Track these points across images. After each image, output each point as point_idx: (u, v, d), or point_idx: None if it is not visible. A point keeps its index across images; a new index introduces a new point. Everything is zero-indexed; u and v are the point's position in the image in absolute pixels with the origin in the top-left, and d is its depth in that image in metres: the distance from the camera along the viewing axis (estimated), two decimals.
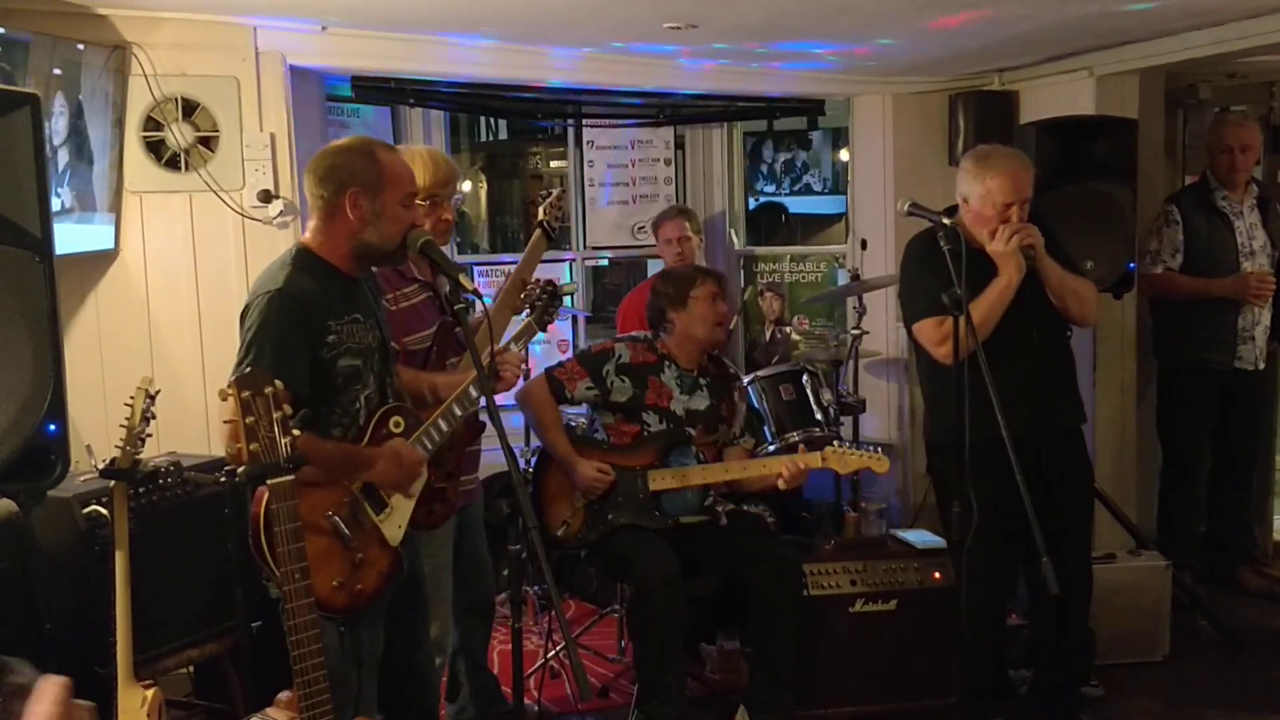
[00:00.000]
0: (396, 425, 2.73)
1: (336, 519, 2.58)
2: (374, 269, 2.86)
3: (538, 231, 3.63)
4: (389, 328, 2.87)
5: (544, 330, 3.33)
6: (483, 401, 2.79)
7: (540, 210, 3.66)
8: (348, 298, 2.68)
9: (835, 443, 3.85)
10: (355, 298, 2.71)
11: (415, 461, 2.72)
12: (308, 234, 2.72)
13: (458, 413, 2.85)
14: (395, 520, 2.71)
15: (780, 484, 3.77)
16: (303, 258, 2.66)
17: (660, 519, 3.83)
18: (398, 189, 2.68)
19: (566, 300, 5.80)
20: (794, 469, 3.72)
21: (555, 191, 3.74)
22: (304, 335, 2.56)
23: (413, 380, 2.99)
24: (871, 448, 3.83)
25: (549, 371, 3.97)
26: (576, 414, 4.40)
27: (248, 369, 2.43)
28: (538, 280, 3.41)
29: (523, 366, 3.11)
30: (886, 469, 3.79)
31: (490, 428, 2.73)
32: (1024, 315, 3.55)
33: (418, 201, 3.01)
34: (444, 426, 2.82)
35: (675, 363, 3.96)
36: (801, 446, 3.84)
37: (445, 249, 3.35)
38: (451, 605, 3.56)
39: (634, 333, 4.14)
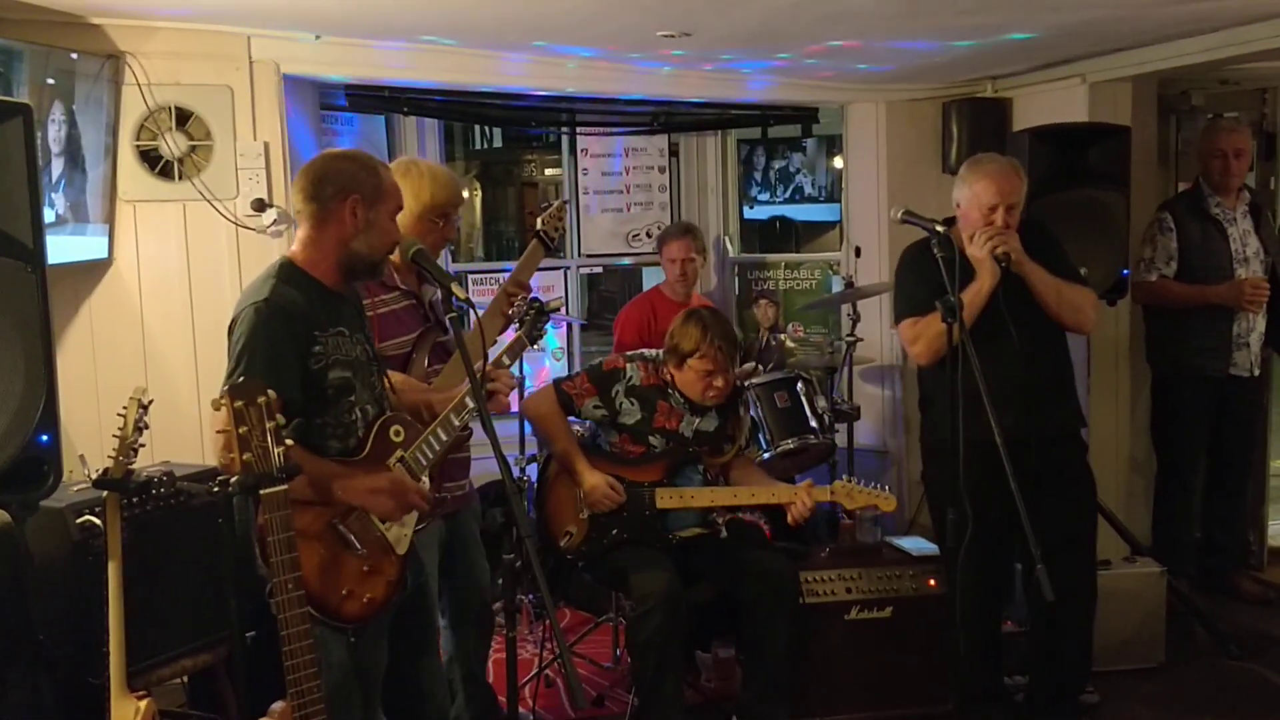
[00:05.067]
0: (396, 434, 2.73)
1: (343, 528, 2.59)
2: (356, 284, 2.87)
3: (534, 240, 3.62)
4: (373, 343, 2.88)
5: (533, 345, 3.34)
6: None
7: (539, 220, 3.63)
8: (332, 311, 2.69)
9: (845, 477, 3.80)
10: (340, 311, 2.72)
11: (406, 491, 2.68)
12: (294, 246, 2.74)
13: (455, 422, 2.85)
14: (402, 529, 2.72)
15: (789, 520, 3.75)
16: (287, 271, 2.67)
17: (664, 538, 3.82)
18: (390, 204, 2.73)
19: (563, 309, 5.83)
20: (802, 503, 3.69)
21: (557, 203, 3.70)
22: (292, 344, 2.57)
23: (407, 396, 2.99)
24: (879, 485, 3.78)
25: (558, 383, 3.93)
26: (575, 421, 4.38)
27: (240, 379, 2.44)
28: (523, 297, 3.40)
29: (514, 383, 3.11)
30: (894, 507, 3.76)
31: (477, 434, 2.73)
32: (1003, 320, 3.54)
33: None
34: (443, 436, 2.83)
35: (681, 392, 3.91)
36: (809, 481, 3.80)
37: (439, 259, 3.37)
38: (446, 613, 3.56)
39: (644, 351, 4.05)
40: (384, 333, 3.21)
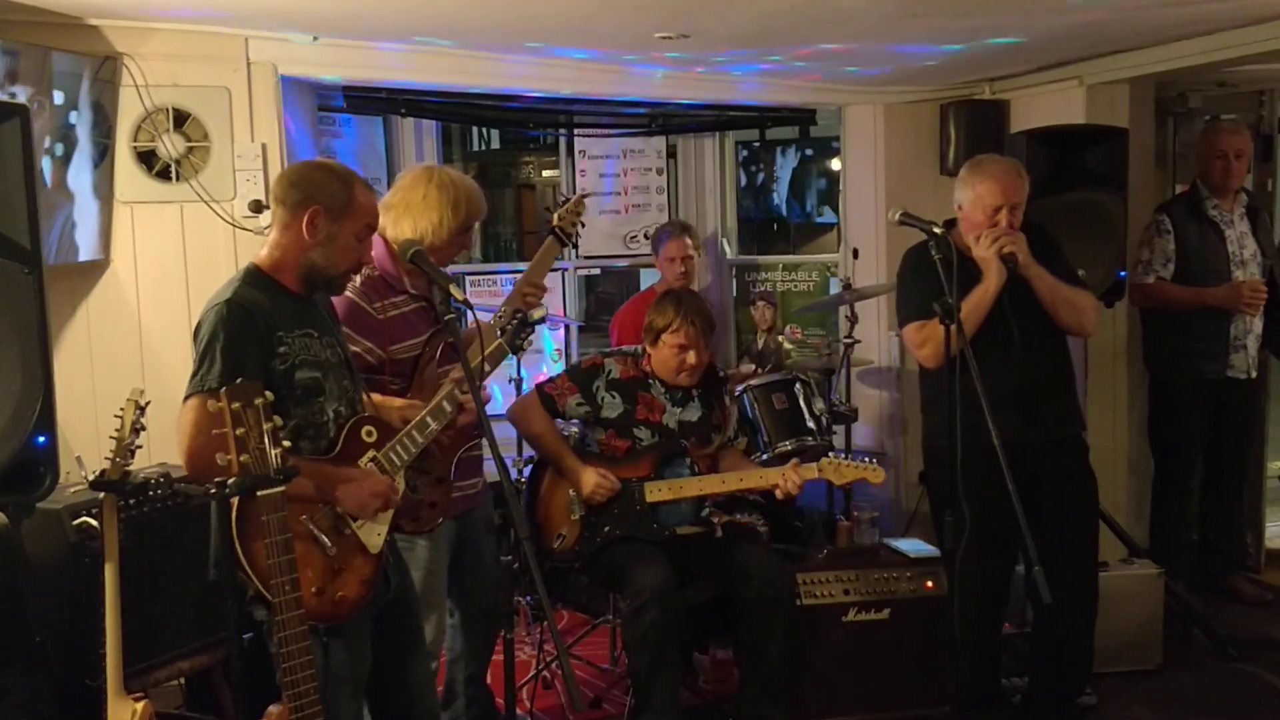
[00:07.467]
0: (369, 435, 2.70)
1: (312, 525, 2.56)
2: (331, 292, 2.85)
3: (549, 238, 3.58)
4: (348, 347, 2.87)
5: (516, 354, 3.34)
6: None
7: (555, 216, 3.59)
8: (299, 313, 2.67)
9: (831, 454, 3.82)
10: (308, 314, 2.71)
11: (376, 486, 2.66)
12: (263, 250, 2.73)
13: (431, 424, 2.84)
14: (375, 528, 2.69)
15: (777, 494, 3.75)
16: (252, 275, 2.67)
17: (657, 531, 3.81)
18: (358, 222, 2.70)
19: (562, 309, 5.83)
20: (790, 481, 3.71)
21: (575, 197, 3.65)
22: (255, 343, 2.55)
23: (382, 406, 2.98)
24: (866, 458, 3.80)
25: (540, 387, 3.95)
26: (561, 424, 4.38)
27: (201, 379, 2.46)
28: (504, 310, 3.40)
29: (488, 397, 3.13)
30: (882, 480, 3.76)
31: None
32: (1007, 322, 3.54)
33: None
34: (418, 438, 2.80)
35: (660, 379, 3.95)
36: (796, 460, 3.82)
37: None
38: (455, 611, 3.55)
39: (623, 347, 4.10)
40: (395, 336, 3.20)
